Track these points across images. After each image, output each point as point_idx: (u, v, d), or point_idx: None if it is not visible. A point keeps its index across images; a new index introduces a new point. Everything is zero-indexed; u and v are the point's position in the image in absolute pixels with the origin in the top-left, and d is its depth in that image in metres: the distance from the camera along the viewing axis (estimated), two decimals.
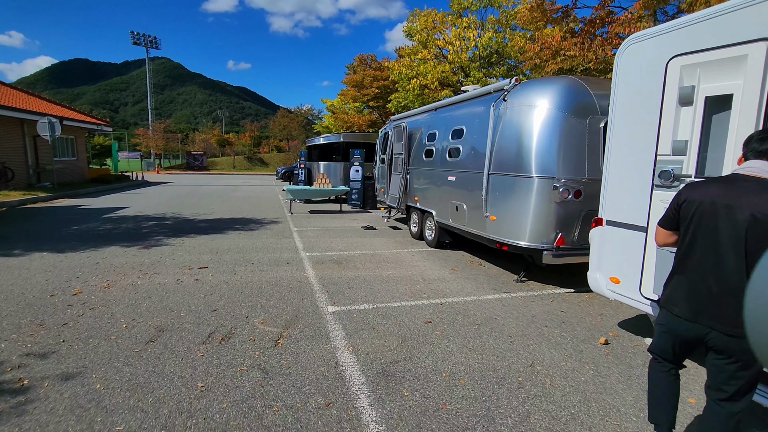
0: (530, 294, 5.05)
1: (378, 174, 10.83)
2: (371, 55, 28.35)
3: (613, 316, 4.36)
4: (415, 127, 8.45)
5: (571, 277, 5.67)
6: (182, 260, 6.24)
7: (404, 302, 4.62)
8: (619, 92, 3.50)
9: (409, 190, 8.53)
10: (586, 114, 4.85)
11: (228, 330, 3.75)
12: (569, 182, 4.78)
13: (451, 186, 6.65)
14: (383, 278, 5.57)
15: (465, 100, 6.65)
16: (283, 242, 7.82)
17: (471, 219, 6.06)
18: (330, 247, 7.53)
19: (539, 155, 4.91)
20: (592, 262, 3.81)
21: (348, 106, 28.11)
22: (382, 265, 6.27)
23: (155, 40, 67.89)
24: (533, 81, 5.44)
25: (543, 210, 4.92)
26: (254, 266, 6.00)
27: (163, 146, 50.51)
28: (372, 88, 24.41)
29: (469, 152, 6.17)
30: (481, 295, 4.97)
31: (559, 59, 6.98)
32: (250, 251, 6.97)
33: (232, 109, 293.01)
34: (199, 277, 5.40)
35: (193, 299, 4.54)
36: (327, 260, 6.52)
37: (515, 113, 5.23)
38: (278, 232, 8.84)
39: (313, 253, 6.99)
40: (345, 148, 15.44)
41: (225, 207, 13.15)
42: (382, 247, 7.61)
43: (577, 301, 4.84)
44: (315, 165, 16.12)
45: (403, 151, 8.57)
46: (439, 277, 5.69)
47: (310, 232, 9.04)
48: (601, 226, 3.70)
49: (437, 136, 7.34)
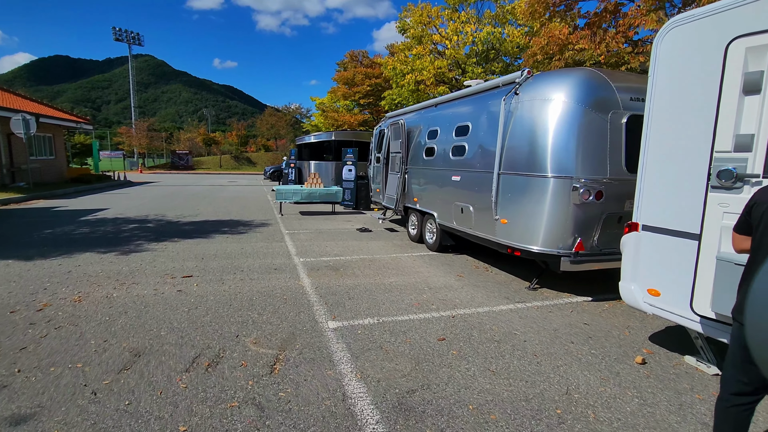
0: (546, 304, 4.66)
1: (373, 173, 10.38)
2: (362, 52, 27.86)
3: (640, 329, 3.99)
4: (413, 124, 8.03)
5: (586, 284, 5.30)
6: (164, 268, 5.70)
7: (412, 315, 4.19)
8: (659, 81, 3.12)
9: (407, 191, 8.10)
10: (607, 108, 4.48)
11: (215, 353, 3.27)
12: (590, 183, 4.40)
13: (456, 186, 6.24)
14: (385, 287, 5.13)
15: (470, 94, 6.24)
16: (275, 246, 7.31)
17: (479, 222, 5.66)
18: (325, 251, 7.06)
19: (556, 153, 4.52)
20: (625, 272, 3.43)
21: (338, 104, 27.55)
22: (382, 272, 5.83)
23: (138, 36, 66.21)
24: (547, 73, 5.05)
25: (561, 213, 4.53)
26: (244, 274, 5.50)
27: (147, 145, 49.25)
28: (363, 85, 23.87)
29: (476, 150, 5.76)
30: (494, 305, 4.56)
31: (567, 54, 6.63)
32: (238, 257, 6.46)
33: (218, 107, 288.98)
34: (183, 287, 4.88)
35: (176, 314, 4.03)
36: (323, 266, 6.05)
37: (528, 108, 4.84)
38: (269, 236, 8.32)
39: (307, 258, 6.51)
40: (337, 146, 14.95)
41: (211, 208, 12.55)
42: (380, 251, 7.17)
43: (598, 311, 4.47)
44: (306, 164, 15.60)
45: (400, 149, 8.14)
46: (446, 285, 5.27)
47: (303, 235, 8.55)
48: (637, 232, 3.31)
49: (439, 133, 6.93)
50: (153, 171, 44.26)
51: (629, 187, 4.55)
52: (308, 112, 58.20)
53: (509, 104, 5.04)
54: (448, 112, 6.80)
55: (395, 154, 8.52)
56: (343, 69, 27.65)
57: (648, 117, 3.22)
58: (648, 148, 3.22)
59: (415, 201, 7.76)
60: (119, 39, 63.55)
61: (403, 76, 12.71)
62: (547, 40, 6.61)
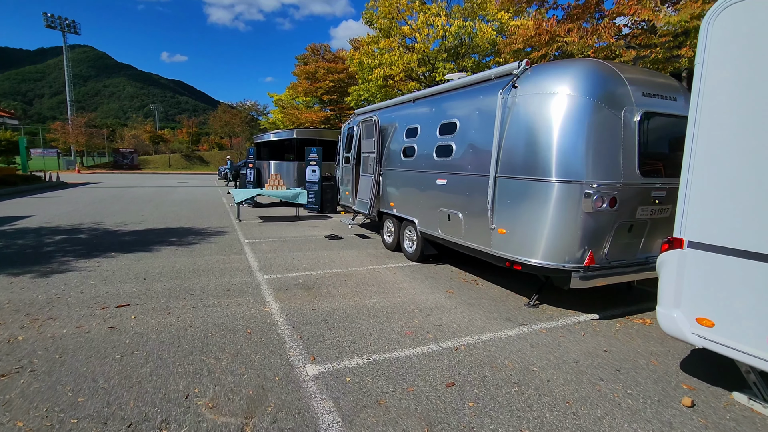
0: (553, 325, 4.11)
1: (341, 175, 9.58)
2: (325, 46, 26.61)
3: (666, 355, 3.52)
4: (388, 121, 7.32)
5: (587, 298, 4.82)
6: (94, 294, 4.64)
7: (407, 350, 3.48)
8: (712, 70, 2.60)
9: (382, 194, 7.39)
10: (620, 104, 3.98)
11: (155, 427, 2.39)
12: (604, 188, 3.88)
13: (441, 191, 5.60)
14: (369, 310, 4.39)
15: (456, 89, 5.61)
16: (233, 260, 6.35)
17: (470, 231, 5.04)
18: (292, 264, 6.19)
19: (565, 154, 3.97)
20: (665, 297, 2.90)
21: (298, 101, 26.26)
22: (361, 290, 5.08)
23: (74, 24, 60.88)
24: (549, 64, 4.51)
25: (570, 222, 3.99)
26: (196, 299, 4.56)
27: (85, 143, 45.27)
28: (326, 81, 22.75)
29: (465, 151, 5.14)
30: (498, 330, 3.95)
31: (555, 46, 6.20)
32: (190, 275, 5.47)
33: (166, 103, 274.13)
34: (117, 321, 3.89)
35: (103, 366, 3.08)
36: (292, 285, 5.20)
37: (531, 103, 4.26)
38: (225, 246, 7.31)
39: (272, 275, 5.63)
40: (299, 145, 13.98)
41: (158, 214, 11.20)
42: (355, 263, 6.40)
43: (611, 332, 3.97)
44: (265, 164, 14.48)
45: (374, 149, 7.41)
46: (437, 305, 4.61)
47: (265, 244, 7.61)
48: (680, 250, 2.79)
49: (419, 131, 6.26)
50: (93, 171, 40.73)
51: (642, 193, 4.12)
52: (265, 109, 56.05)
53: (507, 99, 4.45)
54: (429, 108, 6.15)
55: (368, 154, 7.78)
56: (303, 63, 26.34)
57: (697, 112, 2.70)
58: (696, 150, 2.70)
59: (392, 206, 7.06)
60: (52, 26, 58.16)
61: (371, 70, 11.95)
62: (534, 30, 6.13)
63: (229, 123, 55.73)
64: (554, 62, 4.60)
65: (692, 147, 2.72)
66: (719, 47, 2.57)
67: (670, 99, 4.29)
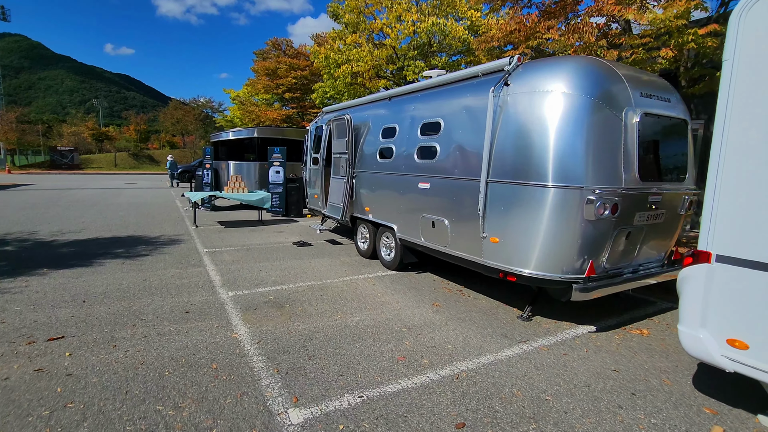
0: (552, 341, 3.82)
1: (310, 177, 8.99)
2: (287, 41, 25.34)
3: (676, 372, 3.31)
4: (362, 120, 6.85)
5: (577, 308, 4.60)
6: (18, 324, 3.85)
7: (403, 380, 3.05)
8: (745, 66, 2.36)
9: (356, 198, 6.91)
10: (621, 104, 3.76)
11: None
12: (606, 194, 3.64)
13: (424, 195, 5.22)
14: (352, 331, 3.92)
15: (439, 86, 5.25)
16: (191, 274, 5.65)
17: (458, 239, 4.69)
18: (260, 278, 5.59)
19: (565, 158, 3.69)
20: (689, 315, 2.66)
21: (257, 98, 25.01)
22: (340, 305, 4.59)
23: (3, 10, 55.47)
24: (543, 61, 4.23)
25: (570, 230, 3.72)
26: (148, 326, 3.89)
27: (17, 140, 41.30)
28: (288, 77, 21.74)
29: (451, 153, 4.78)
30: (497, 349, 3.61)
31: (533, 43, 5.99)
32: (140, 295, 4.74)
33: (111, 98, 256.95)
34: (46, 361, 3.18)
35: (26, 427, 2.41)
36: (261, 302, 4.63)
37: (523, 102, 3.96)
38: (182, 257, 6.56)
39: (238, 290, 5.01)
40: (261, 144, 13.18)
41: (102, 220, 10.08)
42: (329, 274, 5.89)
43: (613, 347, 3.74)
44: (223, 165, 13.55)
45: (346, 149, 6.92)
46: (425, 321, 4.21)
47: (227, 254, 6.91)
48: (708, 264, 2.54)
49: (398, 131, 5.85)
50: (26, 171, 37.19)
51: (641, 199, 3.92)
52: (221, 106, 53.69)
53: (499, 98, 4.12)
54: (409, 106, 5.74)
55: (339, 156, 7.27)
56: (263, 58, 25.07)
57: (726, 111, 2.45)
58: (727, 153, 2.45)
59: (367, 211, 6.60)
60: None
61: (338, 66, 11.37)
62: (515, 26, 5.89)
63: (182, 120, 52.87)
64: (547, 59, 4.34)
65: (721, 150, 2.48)
66: (752, 41, 2.33)
67: (664, 100, 4.13)
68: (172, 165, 22.15)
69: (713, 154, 2.53)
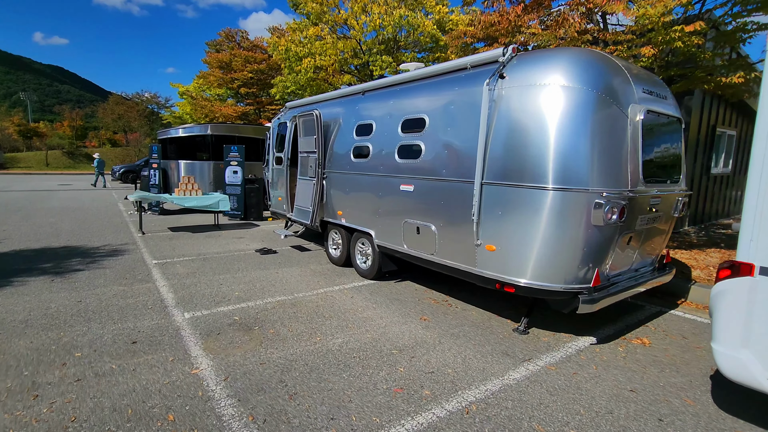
0: (557, 357, 3.51)
1: (273, 178, 8.28)
2: (242, 32, 23.82)
3: (692, 389, 3.09)
4: (332, 116, 6.30)
5: (570, 317, 4.33)
6: None
7: (406, 420, 2.57)
8: None
9: (327, 201, 6.35)
10: (626, 100, 3.50)
11: None
12: (614, 197, 3.36)
13: (407, 198, 4.77)
14: (336, 357, 3.39)
15: (421, 79, 4.82)
16: (138, 292, 4.85)
17: (446, 247, 4.28)
18: (221, 293, 4.90)
19: (569, 158, 3.38)
20: (726, 334, 2.39)
21: (208, 93, 23.38)
22: (318, 325, 4.04)
23: None
24: (538, 52, 3.90)
25: (576, 236, 3.42)
26: (82, 365, 3.15)
27: None
28: (244, 71, 20.43)
29: (438, 152, 4.36)
30: (501, 371, 3.23)
31: (517, 38, 5.73)
32: (72, 322, 3.94)
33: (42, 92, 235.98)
34: None
35: None
36: (225, 325, 3.98)
37: (522, 97, 3.61)
38: (126, 271, 5.69)
39: (196, 311, 4.32)
40: (215, 142, 12.18)
41: (29, 228, 8.78)
42: (300, 286, 5.30)
43: (620, 361, 3.48)
44: (173, 164, 12.41)
45: (315, 148, 6.33)
46: (416, 340, 3.77)
47: (181, 265, 6.11)
48: (750, 278, 2.28)
49: (375, 128, 5.36)
50: None
51: (645, 201, 3.70)
52: (168, 101, 50.51)
53: (494, 91, 3.75)
54: (387, 101, 5.27)
55: (307, 155, 6.67)
56: (215, 50, 23.45)
57: None
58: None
59: (340, 215, 6.06)
60: None
61: (300, 59, 10.66)
62: (498, 17, 5.58)
63: (124, 116, 49.11)
64: (544, 50, 4.03)
65: (766, 151, 2.21)
66: None
67: (662, 97, 3.96)
68: (99, 164, 20.58)
69: (756, 154, 2.27)
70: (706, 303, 4.92)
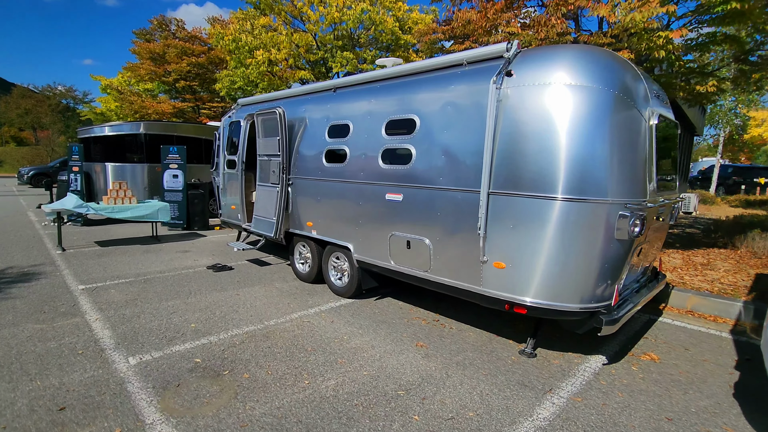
0: (577, 385, 3.19)
1: (224, 183, 7.36)
2: (177, 20, 21.64)
3: (723, 413, 2.90)
4: (298, 115, 5.62)
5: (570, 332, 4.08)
6: None
7: None
8: None
9: (293, 211, 5.65)
10: (643, 103, 3.27)
11: None
12: (636, 208, 3.10)
13: (394, 209, 4.25)
14: (334, 406, 2.80)
15: (408, 75, 4.32)
16: (62, 331, 3.87)
17: (444, 263, 3.83)
18: (173, 326, 4.06)
19: (590, 165, 3.07)
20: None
21: (137, 88, 21.03)
22: (301, 361, 3.40)
23: None
24: (545, 49, 3.58)
25: (599, 251, 3.13)
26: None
27: None
28: (181, 63, 18.51)
29: (433, 157, 3.89)
30: (527, 409, 2.83)
31: (497, 37, 5.45)
32: None
33: None
34: None
35: None
36: (185, 372, 3.20)
37: (532, 96, 3.24)
38: (44, 302, 4.60)
39: (143, 354, 3.47)
40: (149, 142, 10.84)
41: None
42: (269, 310, 4.59)
43: (641, 384, 3.24)
44: (98, 167, 10.86)
45: (279, 151, 5.61)
46: (420, 374, 3.27)
47: (116, 291, 5.09)
48: None
49: (352, 130, 4.78)
50: None
51: (654, 210, 3.51)
52: (86, 96, 45.61)
53: (500, 90, 3.35)
54: (365, 100, 4.71)
55: (268, 158, 5.91)
56: (146, 40, 21.09)
57: None
58: None
59: (309, 226, 5.40)
60: None
61: (251, 52, 9.69)
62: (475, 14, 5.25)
63: (33, 111, 43.54)
64: (550, 47, 3.72)
65: None
66: None
67: (665, 101, 3.81)
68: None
69: None
70: (686, 307, 4.95)
